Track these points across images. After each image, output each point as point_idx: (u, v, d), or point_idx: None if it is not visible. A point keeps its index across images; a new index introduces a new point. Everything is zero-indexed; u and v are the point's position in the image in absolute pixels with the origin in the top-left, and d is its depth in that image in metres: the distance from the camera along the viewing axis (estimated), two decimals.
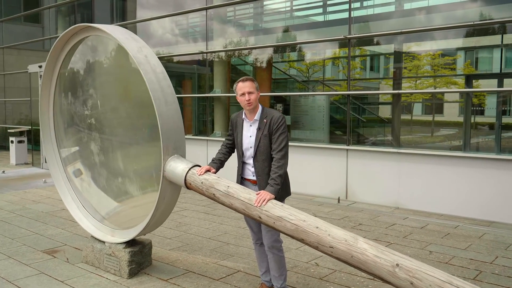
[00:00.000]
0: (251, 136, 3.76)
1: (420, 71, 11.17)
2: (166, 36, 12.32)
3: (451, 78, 11.63)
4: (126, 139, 4.78)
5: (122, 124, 4.76)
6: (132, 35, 4.35)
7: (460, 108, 12.07)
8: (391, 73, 11.60)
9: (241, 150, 3.81)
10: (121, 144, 4.82)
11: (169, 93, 4.11)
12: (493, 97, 9.96)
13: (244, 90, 3.68)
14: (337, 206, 7.74)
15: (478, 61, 12.46)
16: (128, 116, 4.70)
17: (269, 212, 3.35)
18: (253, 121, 3.76)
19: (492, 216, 6.75)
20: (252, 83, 3.72)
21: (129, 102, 4.77)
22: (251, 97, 3.68)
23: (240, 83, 3.73)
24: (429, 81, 11.53)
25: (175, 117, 4.08)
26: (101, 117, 4.83)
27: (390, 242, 5.68)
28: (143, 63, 4.03)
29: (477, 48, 11.25)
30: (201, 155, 10.63)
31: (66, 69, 5.08)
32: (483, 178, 6.86)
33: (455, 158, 7.14)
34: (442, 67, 11.32)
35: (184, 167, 3.92)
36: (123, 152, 4.82)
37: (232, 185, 3.63)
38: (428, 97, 12.53)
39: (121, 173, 4.78)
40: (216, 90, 11.10)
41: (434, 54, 10.88)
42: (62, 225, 6.47)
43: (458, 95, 11.20)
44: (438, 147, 10.16)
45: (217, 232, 6.13)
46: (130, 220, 4.74)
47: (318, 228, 3.13)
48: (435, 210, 7.25)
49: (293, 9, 11.36)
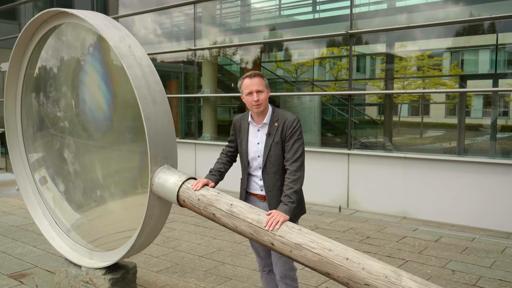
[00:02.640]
0: (259, 143, 3.11)
1: (410, 71, 10.64)
2: (151, 34, 11.59)
3: (451, 78, 11.14)
4: (107, 145, 4.08)
5: (102, 128, 4.05)
6: (114, 22, 3.65)
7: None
8: (378, 74, 11.09)
9: (247, 160, 3.15)
10: (100, 151, 4.11)
11: (158, 91, 3.43)
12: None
13: (252, 89, 3.02)
14: (339, 216, 7.12)
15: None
16: (110, 118, 4.00)
17: (284, 237, 2.70)
18: (261, 125, 3.11)
19: (509, 227, 6.20)
20: (262, 79, 3.06)
21: (110, 102, 4.06)
22: (260, 97, 3.02)
23: (246, 80, 3.06)
24: (425, 81, 11.04)
25: (165, 119, 3.39)
26: (76, 120, 4.12)
27: (406, 259, 5.08)
28: (126, 54, 3.35)
29: (475, 47, 10.79)
30: (188, 160, 9.93)
31: (35, 64, 4.35)
32: (499, 185, 6.30)
33: (468, 164, 6.58)
34: (434, 68, 10.82)
35: (176, 180, 3.24)
36: (103, 160, 4.11)
37: (236, 203, 2.97)
38: (427, 98, 12.05)
39: (100, 184, 4.07)
40: (205, 90, 10.41)
41: (423, 55, 10.39)
42: (33, 241, 5.72)
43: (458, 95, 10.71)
44: (447, 152, 9.58)
45: (210, 248, 5.45)
46: (111, 241, 4.04)
47: (348, 260, 2.49)
48: (446, 220, 6.67)
49: (281, 7, 10.79)
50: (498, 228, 6.26)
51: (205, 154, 9.68)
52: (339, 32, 8.11)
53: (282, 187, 3.03)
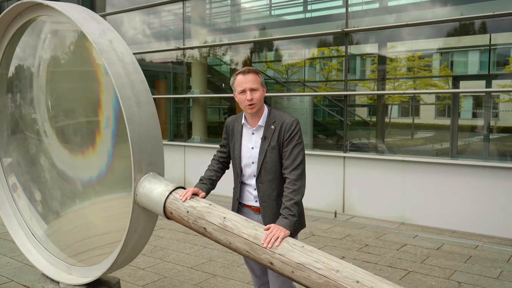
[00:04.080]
0: (254, 147, 2.79)
1: (400, 72, 10.37)
2: (139, 34, 11.23)
3: (441, 80, 10.90)
4: (88, 151, 3.73)
5: (80, 131, 3.71)
6: (93, 15, 3.31)
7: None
8: (369, 75, 10.83)
9: (239, 167, 2.83)
10: (81, 156, 3.76)
11: (142, 91, 3.09)
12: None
13: (245, 86, 2.70)
14: (335, 222, 6.83)
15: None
16: (88, 120, 3.66)
17: (285, 256, 2.39)
18: (256, 128, 2.80)
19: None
20: (257, 76, 2.74)
21: (89, 103, 3.71)
22: (254, 95, 2.70)
23: (239, 76, 2.74)
24: (416, 82, 10.78)
25: (151, 122, 3.06)
26: (54, 122, 3.77)
27: (408, 269, 4.79)
28: (107, 50, 3.01)
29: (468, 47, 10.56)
30: (177, 163, 9.58)
31: (8, 62, 4.00)
32: (502, 190, 6.06)
33: (468, 167, 6.33)
34: (425, 69, 10.56)
35: (162, 190, 2.90)
36: (83, 167, 3.77)
37: (230, 216, 2.65)
38: (418, 99, 11.80)
39: (79, 192, 3.72)
40: (194, 91, 10.07)
41: (414, 56, 10.13)
42: (11, 252, 5.34)
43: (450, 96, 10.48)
44: (447, 155, 9.35)
45: (200, 258, 5.12)
46: (93, 256, 3.69)
47: (359, 283, 2.18)
48: (446, 226, 6.41)
49: (272, 7, 10.49)
50: (500, 234, 6.02)
51: (195, 157, 9.35)
52: (335, 30, 7.82)
53: (278, 198, 2.73)
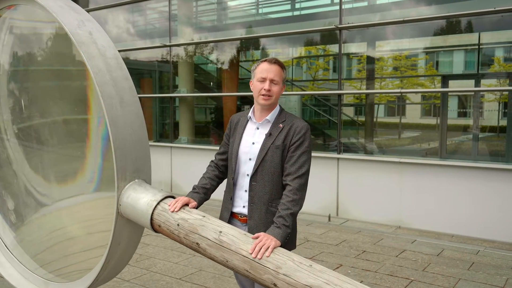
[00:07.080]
0: (255, 143, 2.51)
1: (387, 72, 10.17)
2: (124, 32, 10.83)
3: (428, 79, 10.71)
4: (65, 155, 3.40)
5: (58, 134, 3.37)
6: (71, 4, 2.97)
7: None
8: (356, 74, 10.61)
9: (235, 163, 2.55)
10: (58, 161, 3.43)
11: (126, 89, 2.75)
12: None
13: (267, 75, 2.47)
14: (329, 226, 6.57)
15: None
16: (67, 121, 3.32)
17: (291, 277, 2.09)
18: (262, 122, 2.53)
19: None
20: (282, 70, 2.52)
21: (68, 102, 3.38)
22: (273, 88, 2.47)
23: (265, 64, 2.50)
24: (404, 81, 10.58)
25: (136, 124, 2.72)
26: (29, 124, 3.43)
27: (410, 278, 4.54)
28: (86, 42, 2.67)
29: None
30: (163, 165, 9.23)
31: None
32: (503, 193, 5.85)
33: (468, 169, 6.11)
34: (412, 68, 10.38)
35: (149, 199, 2.58)
36: (61, 172, 3.43)
37: (227, 230, 2.34)
38: (405, 98, 11.61)
39: (56, 201, 3.38)
40: (181, 90, 9.73)
41: (401, 55, 9.93)
42: None
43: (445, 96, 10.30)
44: (445, 156, 9.16)
45: (189, 268, 4.80)
46: (73, 270, 3.36)
47: None
48: (445, 230, 6.20)
49: (259, 5, 10.21)
50: (501, 238, 5.82)
51: (182, 159, 9.01)
52: (329, 27, 7.56)
53: (269, 204, 2.47)
